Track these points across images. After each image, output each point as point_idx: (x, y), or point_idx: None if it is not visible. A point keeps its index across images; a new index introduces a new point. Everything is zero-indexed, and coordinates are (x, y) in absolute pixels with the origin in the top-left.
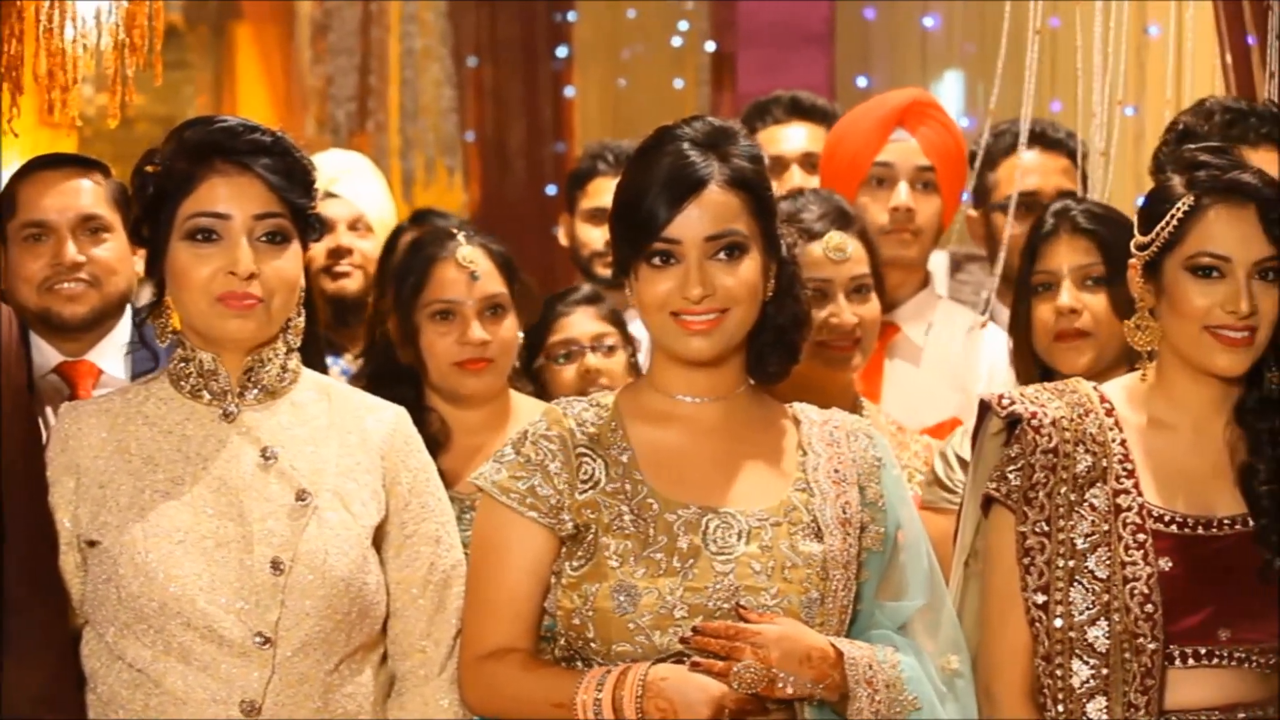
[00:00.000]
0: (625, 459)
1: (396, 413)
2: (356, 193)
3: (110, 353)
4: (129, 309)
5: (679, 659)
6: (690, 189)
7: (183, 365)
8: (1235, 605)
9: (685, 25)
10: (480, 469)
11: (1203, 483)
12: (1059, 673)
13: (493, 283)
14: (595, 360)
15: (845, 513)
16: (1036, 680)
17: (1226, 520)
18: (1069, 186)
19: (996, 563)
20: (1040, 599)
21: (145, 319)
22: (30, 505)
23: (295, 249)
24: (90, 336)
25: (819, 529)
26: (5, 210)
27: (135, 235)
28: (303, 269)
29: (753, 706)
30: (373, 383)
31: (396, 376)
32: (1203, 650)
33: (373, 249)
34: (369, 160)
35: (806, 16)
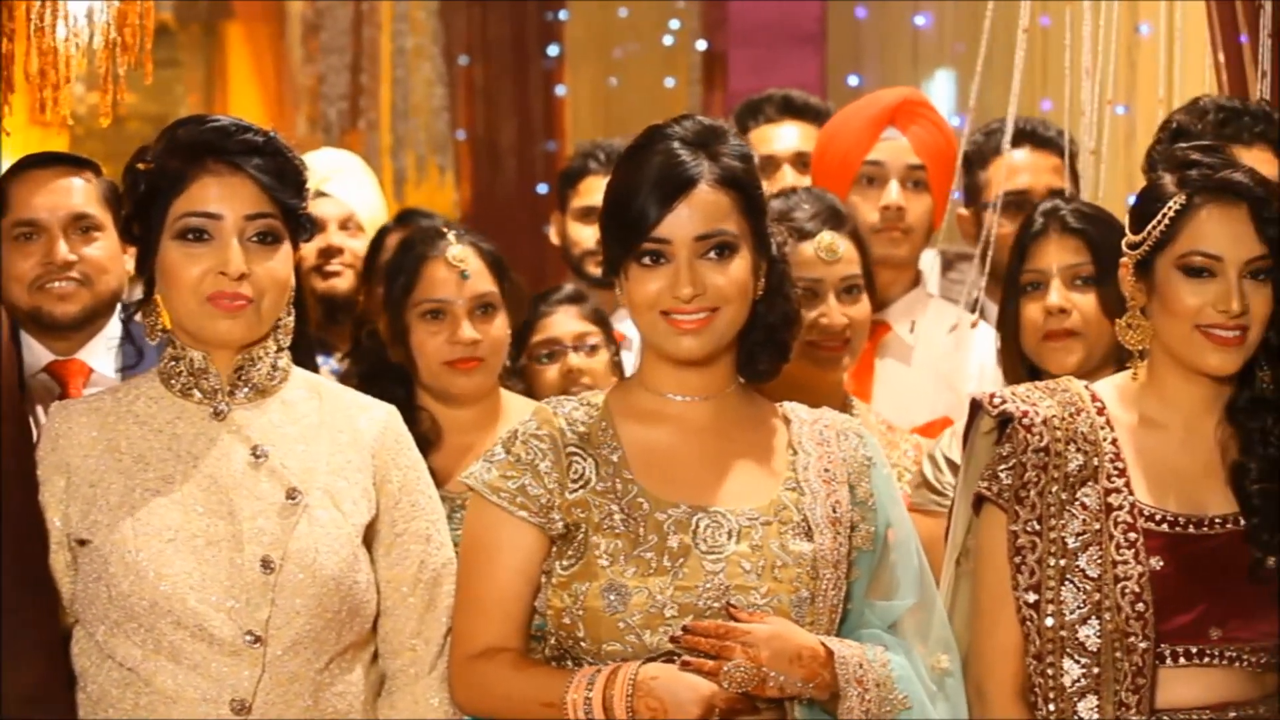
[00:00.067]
0: (615, 458)
1: (387, 411)
2: (348, 192)
3: (101, 351)
4: (119, 308)
5: (669, 658)
6: (680, 188)
7: (173, 364)
8: (1226, 604)
9: (677, 24)
10: (470, 468)
11: (1194, 482)
12: (1050, 671)
13: (483, 282)
14: (578, 360)
15: (835, 512)
16: (1028, 679)
17: (1218, 519)
18: (1059, 185)
19: (988, 561)
20: (1031, 598)
21: (133, 315)
22: (21, 504)
23: (286, 249)
24: (81, 335)
25: (809, 528)
26: None
27: (126, 233)
28: (293, 269)
29: (743, 706)
30: (363, 382)
31: (387, 375)
32: (1194, 649)
33: (363, 248)
34: (360, 159)
35: (798, 15)
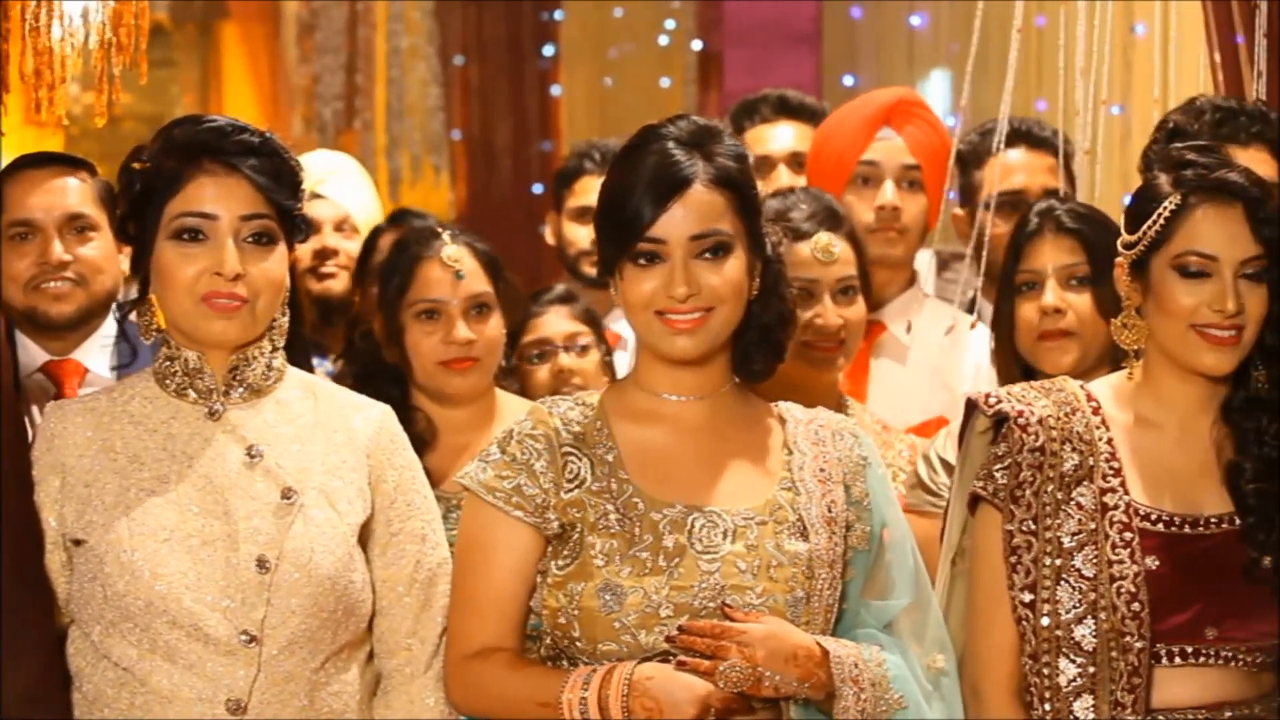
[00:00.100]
0: (611, 458)
1: (382, 411)
2: (343, 194)
3: (96, 351)
4: (114, 307)
5: (665, 658)
6: (675, 188)
7: (168, 364)
8: (1222, 604)
9: (672, 24)
10: (466, 468)
11: (1189, 481)
12: (1046, 671)
13: (478, 282)
14: (568, 360)
15: (831, 511)
16: (1023, 679)
17: (1213, 519)
18: (1054, 185)
19: (983, 561)
20: (1027, 597)
21: (127, 315)
22: (17, 504)
23: (281, 250)
24: (76, 335)
25: (804, 528)
26: None
27: (121, 232)
28: (288, 270)
29: (738, 705)
30: (358, 382)
31: (382, 376)
32: (1189, 649)
33: (358, 250)
34: (355, 161)
35: (793, 15)
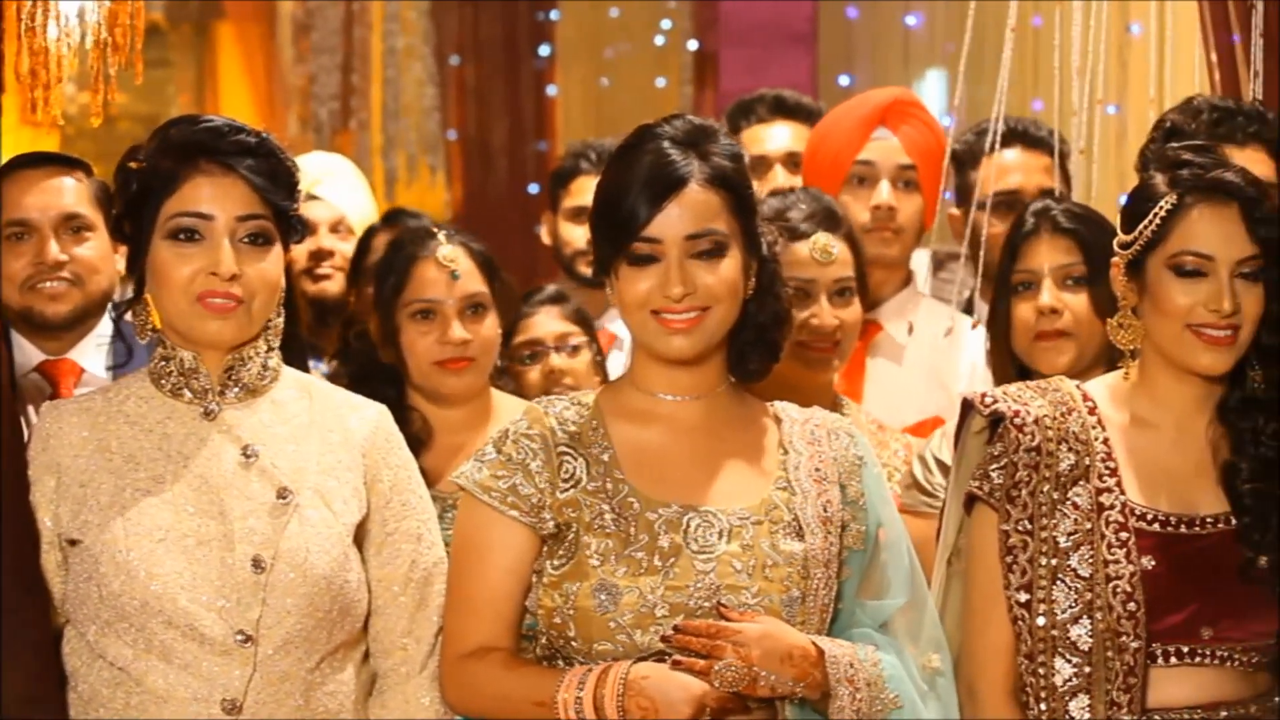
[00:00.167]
0: (606, 458)
1: (378, 410)
2: (339, 195)
3: (92, 351)
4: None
5: (660, 658)
6: (670, 188)
7: (163, 364)
8: (1218, 604)
9: (668, 24)
10: (461, 468)
11: (1185, 481)
12: (1041, 671)
13: (473, 282)
14: (559, 361)
15: (826, 511)
16: (1019, 679)
17: (1209, 519)
18: (1050, 185)
19: (979, 561)
20: (1023, 597)
21: (123, 314)
22: (13, 504)
23: (277, 251)
24: (72, 335)
25: (800, 527)
26: None
27: (117, 232)
28: (284, 270)
29: (734, 705)
30: (354, 382)
31: (378, 376)
32: (1185, 649)
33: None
34: (351, 163)
35: (789, 15)
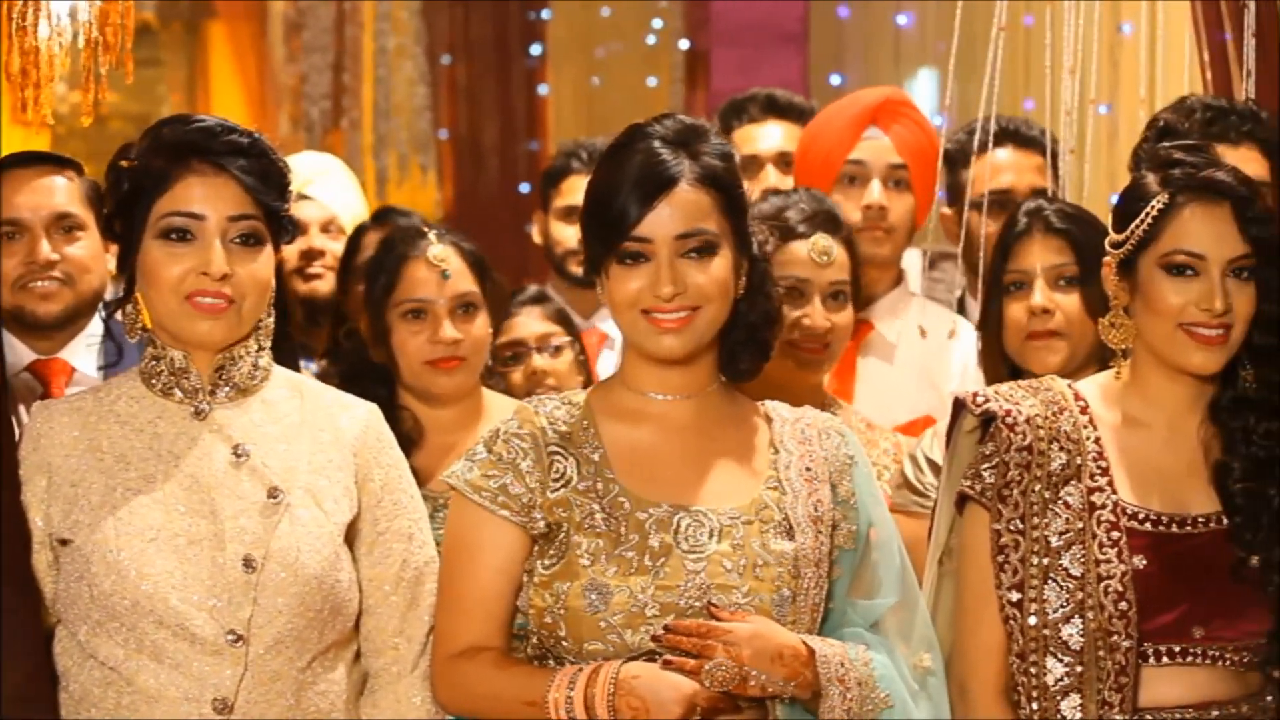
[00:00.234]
0: (597, 457)
1: (369, 409)
2: (330, 195)
3: (83, 350)
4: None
5: (651, 657)
6: (661, 187)
7: (154, 363)
8: (1209, 603)
9: (659, 23)
10: (452, 467)
11: (1177, 481)
12: (1033, 670)
13: (464, 281)
14: (542, 361)
15: (817, 510)
16: (1011, 678)
17: (1201, 518)
18: (1042, 184)
19: (971, 560)
20: (1014, 596)
21: (113, 313)
22: (5, 504)
23: (268, 251)
24: (63, 334)
25: (790, 527)
26: None
27: (107, 231)
28: (275, 271)
29: (725, 705)
30: (345, 382)
31: (369, 375)
32: (1177, 648)
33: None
34: (342, 163)
35: (780, 15)
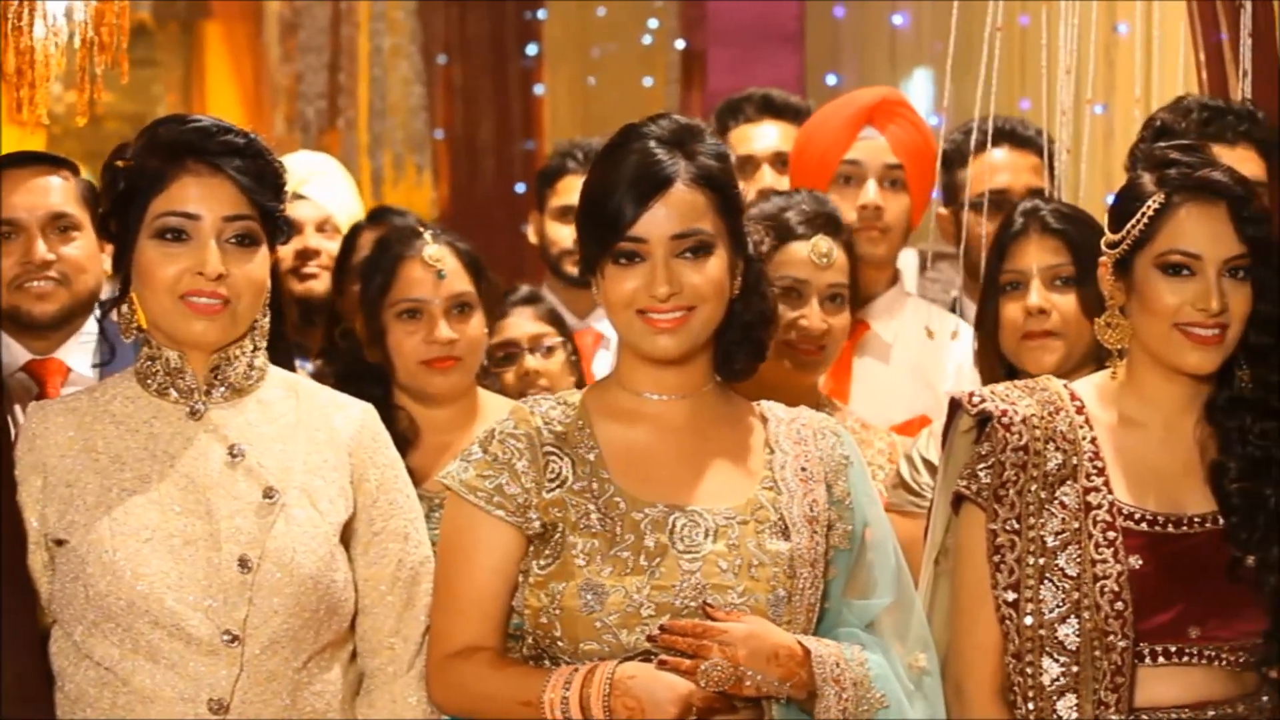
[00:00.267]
0: (592, 457)
1: (364, 409)
2: (325, 195)
3: (79, 350)
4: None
5: (646, 657)
6: (656, 187)
7: (149, 363)
8: (1205, 603)
9: (655, 23)
10: (447, 467)
11: (1173, 481)
12: (1029, 670)
13: (459, 281)
14: (534, 362)
15: (812, 511)
16: (1007, 678)
17: (1197, 518)
18: (1038, 184)
19: (967, 560)
20: (1010, 596)
21: (107, 312)
22: (1, 504)
23: (263, 252)
24: (59, 334)
25: (786, 527)
26: None
27: (103, 230)
28: (270, 271)
29: (720, 705)
30: (340, 382)
31: (364, 375)
32: (1173, 648)
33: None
34: (338, 162)
35: (776, 15)
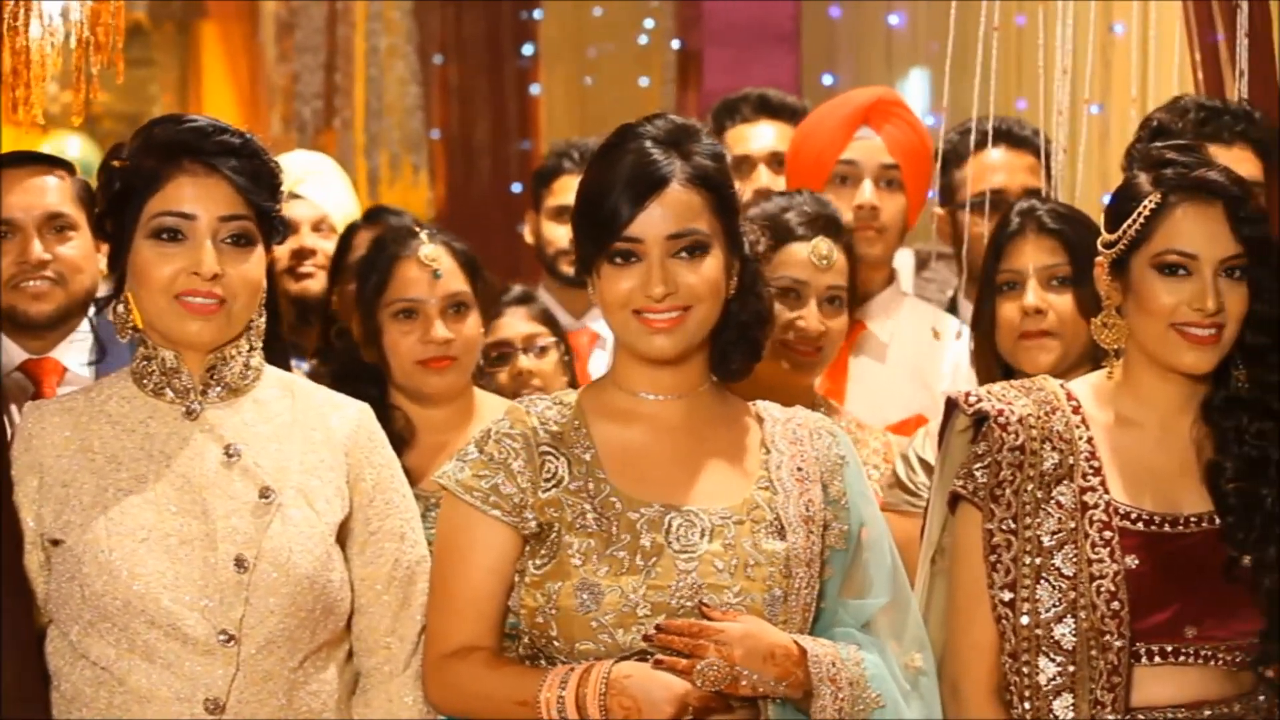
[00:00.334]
0: (588, 457)
1: (360, 409)
2: (321, 194)
3: (75, 350)
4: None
5: (642, 657)
6: (652, 187)
7: (145, 363)
8: (1201, 603)
9: (651, 23)
10: (443, 467)
11: (1169, 480)
12: (1025, 670)
13: (455, 281)
14: (527, 362)
15: (808, 510)
16: (1003, 677)
17: (1193, 518)
18: (1035, 184)
19: (963, 560)
20: (1007, 596)
21: (101, 311)
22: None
23: (259, 252)
24: (55, 334)
25: (782, 527)
26: None
27: (99, 230)
28: (266, 271)
29: (716, 704)
30: (336, 381)
31: (360, 375)
32: (1169, 648)
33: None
34: (334, 162)
35: (772, 15)
